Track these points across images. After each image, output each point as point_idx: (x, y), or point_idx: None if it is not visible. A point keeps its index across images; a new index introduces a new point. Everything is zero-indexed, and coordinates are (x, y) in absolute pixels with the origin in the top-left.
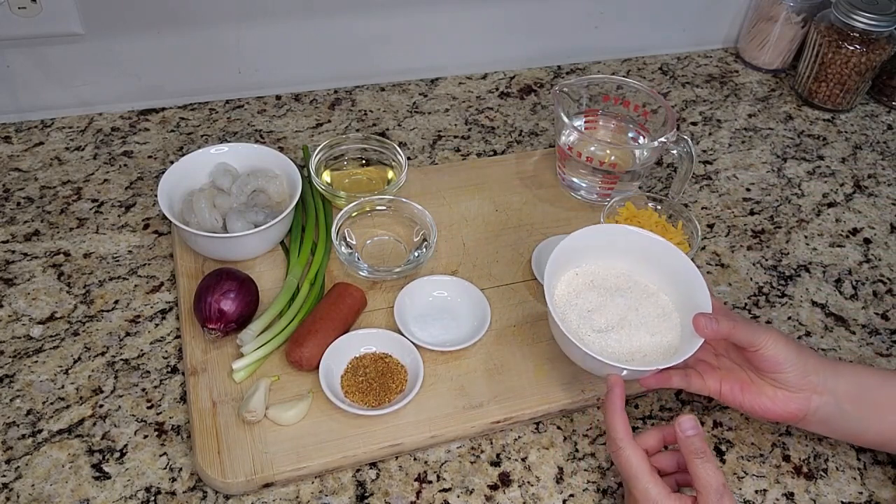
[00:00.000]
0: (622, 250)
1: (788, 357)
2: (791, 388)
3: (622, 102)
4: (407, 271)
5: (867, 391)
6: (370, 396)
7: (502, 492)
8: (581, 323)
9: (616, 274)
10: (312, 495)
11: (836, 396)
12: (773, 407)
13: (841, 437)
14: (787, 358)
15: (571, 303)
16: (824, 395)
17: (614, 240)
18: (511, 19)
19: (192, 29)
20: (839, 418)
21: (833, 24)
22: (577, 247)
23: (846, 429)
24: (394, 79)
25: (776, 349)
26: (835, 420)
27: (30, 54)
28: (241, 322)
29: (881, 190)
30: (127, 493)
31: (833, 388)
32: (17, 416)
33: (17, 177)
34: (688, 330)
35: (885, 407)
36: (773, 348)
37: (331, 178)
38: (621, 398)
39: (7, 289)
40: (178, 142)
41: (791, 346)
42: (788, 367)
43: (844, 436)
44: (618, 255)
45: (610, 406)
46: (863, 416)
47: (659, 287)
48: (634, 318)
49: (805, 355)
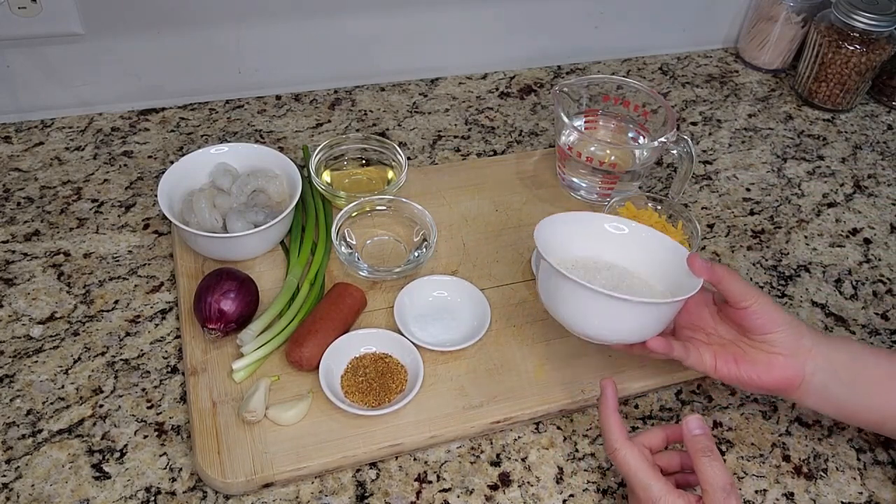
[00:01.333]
0: (606, 240)
1: (781, 316)
2: (785, 352)
3: (622, 102)
4: (407, 271)
5: (863, 365)
6: (370, 396)
7: (502, 492)
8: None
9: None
10: (312, 495)
11: (832, 363)
12: (769, 375)
13: (837, 412)
14: (780, 317)
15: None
16: (819, 359)
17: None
18: (511, 19)
19: (192, 29)
20: (835, 387)
21: (833, 24)
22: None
23: (842, 403)
24: (394, 79)
25: (766, 308)
26: (831, 389)
27: (30, 54)
28: (241, 322)
29: (881, 190)
30: (127, 493)
31: (828, 355)
32: (17, 416)
33: (17, 177)
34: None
35: (884, 384)
36: (763, 305)
37: (331, 178)
38: (614, 399)
39: (7, 289)
40: (178, 142)
41: (783, 309)
42: (781, 326)
43: (840, 411)
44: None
45: (604, 409)
46: (859, 391)
47: (646, 270)
48: (623, 290)
49: (797, 320)
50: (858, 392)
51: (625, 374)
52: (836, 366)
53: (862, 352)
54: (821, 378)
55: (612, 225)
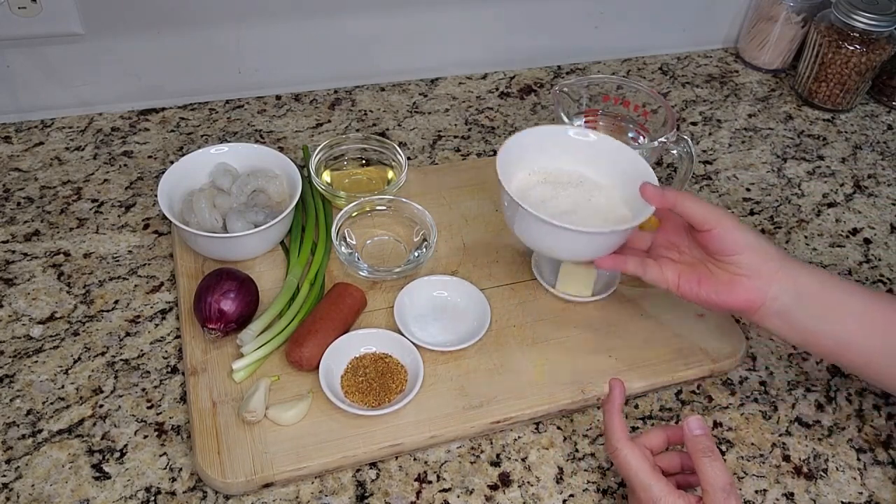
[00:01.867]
0: (573, 150)
1: (744, 239)
2: (750, 274)
3: (622, 102)
4: (407, 271)
5: (828, 290)
6: (370, 396)
7: (502, 492)
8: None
9: (569, 171)
10: (312, 495)
11: (797, 287)
12: (729, 296)
13: (797, 338)
14: (743, 239)
15: (525, 196)
16: (784, 283)
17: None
18: (511, 19)
19: (192, 29)
20: (798, 312)
21: (833, 24)
22: (528, 145)
23: (805, 329)
24: (394, 79)
25: (729, 230)
26: (793, 313)
27: (30, 54)
28: (241, 322)
29: (881, 190)
30: (127, 493)
31: (795, 279)
32: (17, 416)
33: (17, 177)
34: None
35: (844, 310)
36: (726, 228)
37: (331, 178)
38: (620, 399)
39: (7, 289)
40: (178, 142)
41: (749, 231)
42: (746, 248)
43: (801, 336)
44: (569, 155)
45: (609, 407)
46: (821, 316)
47: (611, 183)
48: (587, 206)
49: (766, 243)
50: (821, 318)
51: (625, 374)
52: (802, 291)
53: (831, 280)
54: (784, 301)
55: (576, 132)
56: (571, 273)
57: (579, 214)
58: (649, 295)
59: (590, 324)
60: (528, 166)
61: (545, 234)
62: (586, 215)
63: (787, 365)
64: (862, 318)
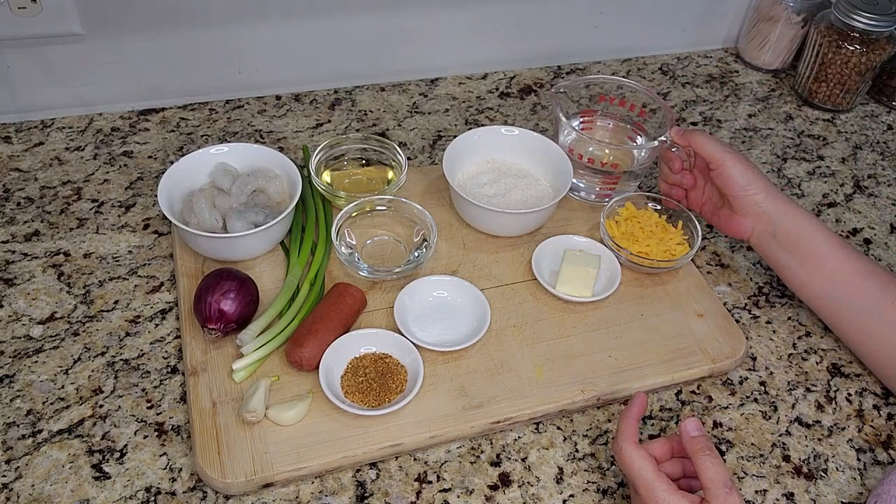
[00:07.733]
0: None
1: (744, 179)
2: (741, 213)
3: (621, 102)
4: (407, 271)
5: (807, 238)
6: (370, 396)
7: (502, 492)
8: (477, 191)
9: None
10: (312, 495)
11: (774, 227)
12: (727, 227)
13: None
14: (743, 179)
15: (469, 181)
16: (763, 220)
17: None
18: (511, 19)
19: (192, 29)
20: (772, 247)
21: (833, 24)
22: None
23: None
24: (394, 79)
25: (730, 168)
26: (769, 247)
27: (30, 54)
28: (241, 322)
29: (881, 190)
30: (127, 494)
31: (775, 221)
32: (17, 416)
33: (17, 177)
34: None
35: (823, 260)
36: (727, 167)
37: (331, 178)
38: (640, 410)
39: (7, 289)
40: (178, 142)
41: (750, 171)
42: (740, 191)
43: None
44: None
45: (626, 413)
46: (803, 262)
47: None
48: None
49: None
50: (803, 264)
51: (625, 374)
52: (778, 230)
53: (811, 229)
54: (761, 236)
55: (506, 129)
56: (571, 273)
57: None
58: (649, 295)
59: (590, 324)
60: (479, 156)
61: (484, 217)
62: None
63: (787, 365)
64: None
